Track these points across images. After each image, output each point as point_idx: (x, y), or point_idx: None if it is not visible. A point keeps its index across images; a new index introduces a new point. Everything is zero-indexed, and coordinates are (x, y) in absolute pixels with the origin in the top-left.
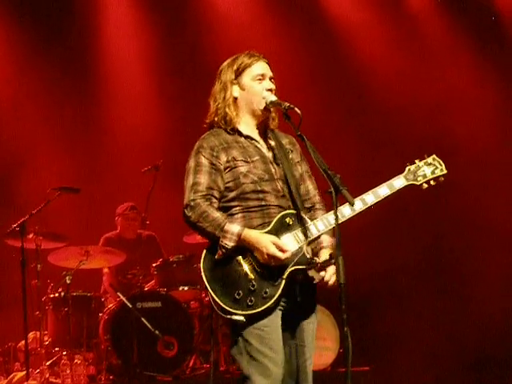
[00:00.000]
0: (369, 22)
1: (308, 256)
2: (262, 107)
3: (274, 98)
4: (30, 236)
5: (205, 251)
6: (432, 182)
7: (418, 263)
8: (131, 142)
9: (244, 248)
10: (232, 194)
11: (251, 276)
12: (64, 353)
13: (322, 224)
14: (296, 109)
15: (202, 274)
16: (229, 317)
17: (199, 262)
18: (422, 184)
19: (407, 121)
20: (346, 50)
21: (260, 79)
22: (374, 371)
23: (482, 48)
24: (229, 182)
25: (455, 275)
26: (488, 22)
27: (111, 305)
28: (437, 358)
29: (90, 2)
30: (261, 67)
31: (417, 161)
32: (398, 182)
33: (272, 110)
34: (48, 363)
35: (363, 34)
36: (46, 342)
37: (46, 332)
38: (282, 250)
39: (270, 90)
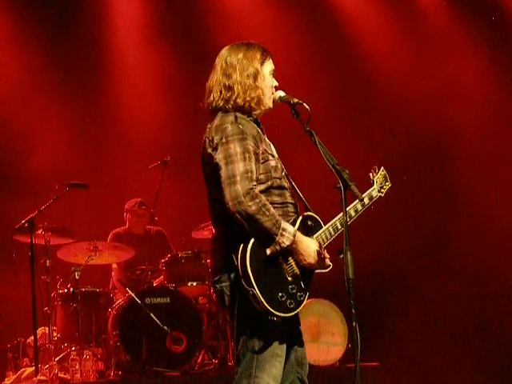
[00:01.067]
0: (375, 16)
1: (326, 259)
2: (270, 104)
3: (283, 93)
4: (39, 232)
5: (250, 248)
6: (384, 194)
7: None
8: (140, 138)
9: (286, 249)
10: (261, 187)
11: (290, 279)
12: (73, 348)
13: (332, 229)
14: (305, 104)
15: (249, 270)
16: (270, 317)
17: (208, 258)
18: (384, 195)
19: (413, 115)
20: (352, 43)
21: (272, 74)
22: (384, 367)
23: (488, 42)
24: (261, 175)
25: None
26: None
27: (120, 300)
28: (446, 354)
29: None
30: (272, 62)
31: (373, 172)
32: (374, 193)
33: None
34: (57, 359)
35: (369, 27)
36: (55, 338)
37: (54, 328)
38: (325, 257)
39: (275, 86)
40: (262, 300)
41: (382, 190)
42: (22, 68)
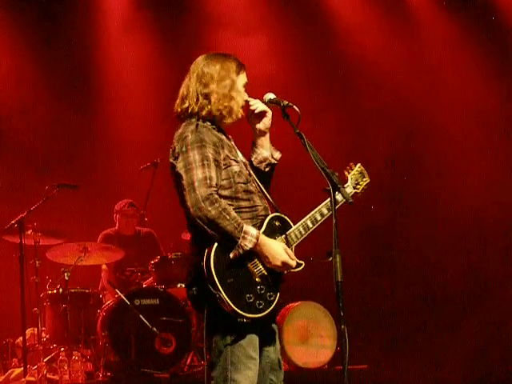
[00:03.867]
0: (363, 15)
1: (296, 259)
2: (238, 117)
3: (272, 95)
4: (29, 232)
5: (213, 252)
6: (363, 191)
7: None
8: (130, 139)
9: (251, 251)
10: (226, 193)
11: (258, 280)
12: (62, 349)
13: (302, 228)
14: (295, 107)
15: (214, 275)
16: (239, 319)
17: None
18: (360, 192)
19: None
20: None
21: (245, 87)
22: (372, 369)
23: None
24: (223, 180)
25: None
26: (488, 18)
27: (109, 301)
28: (436, 356)
29: (92, 1)
30: (246, 76)
31: (349, 169)
32: (349, 190)
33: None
34: (46, 359)
35: (357, 27)
36: (44, 339)
37: (43, 328)
38: (292, 258)
39: (246, 100)
40: (229, 302)
41: (358, 187)
42: (12, 67)
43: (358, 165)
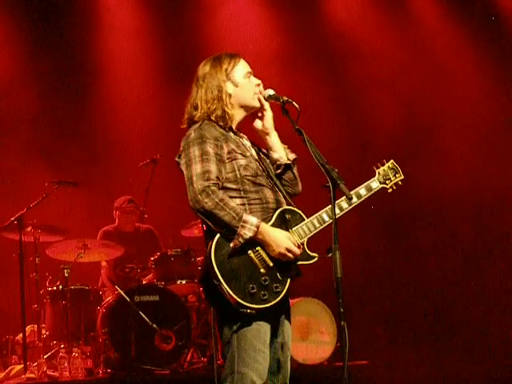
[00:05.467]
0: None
1: (308, 252)
2: (256, 103)
3: (272, 91)
4: (28, 229)
5: (214, 243)
6: (394, 187)
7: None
8: (129, 136)
9: (254, 241)
10: (232, 186)
11: (263, 270)
12: (62, 346)
13: (317, 221)
14: (294, 103)
15: (214, 266)
16: (241, 310)
17: (197, 256)
18: (390, 187)
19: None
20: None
21: (249, 76)
22: (372, 365)
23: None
24: (228, 173)
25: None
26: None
27: (109, 298)
28: (436, 352)
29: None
30: (246, 64)
31: (380, 165)
32: (374, 184)
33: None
34: (46, 356)
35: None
36: (44, 335)
37: (43, 325)
38: (296, 246)
39: (258, 84)
40: (231, 293)
41: (388, 182)
42: (11, 63)
43: (391, 161)
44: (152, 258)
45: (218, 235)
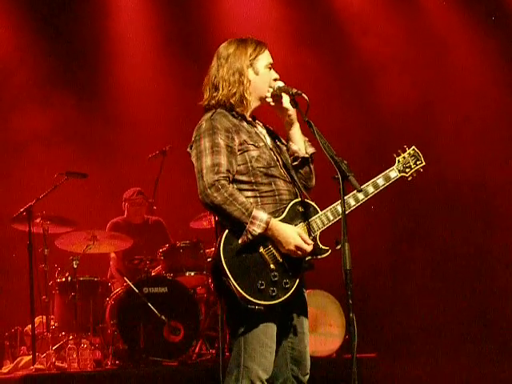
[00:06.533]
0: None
1: (320, 245)
2: (267, 96)
3: (281, 83)
4: (37, 220)
5: (224, 238)
6: (414, 174)
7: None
8: (139, 128)
9: (264, 237)
10: (243, 178)
11: (272, 266)
12: (70, 337)
13: (330, 214)
14: (304, 95)
15: (223, 261)
16: (250, 306)
17: (206, 248)
18: (409, 175)
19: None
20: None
21: (270, 68)
22: (381, 358)
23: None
24: (240, 166)
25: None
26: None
27: (118, 290)
28: (443, 346)
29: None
30: (269, 55)
31: (401, 152)
32: (393, 174)
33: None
34: (54, 347)
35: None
36: (53, 327)
37: (52, 316)
38: (307, 243)
39: (276, 79)
40: (239, 289)
41: (408, 170)
42: (19, 59)
43: (412, 147)
44: (161, 250)
45: (227, 231)
